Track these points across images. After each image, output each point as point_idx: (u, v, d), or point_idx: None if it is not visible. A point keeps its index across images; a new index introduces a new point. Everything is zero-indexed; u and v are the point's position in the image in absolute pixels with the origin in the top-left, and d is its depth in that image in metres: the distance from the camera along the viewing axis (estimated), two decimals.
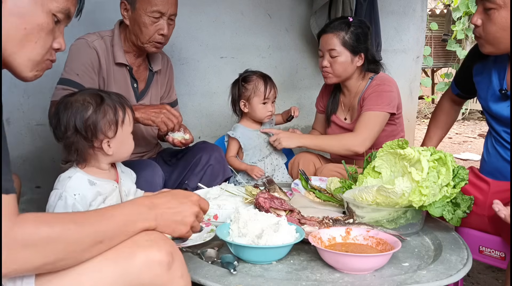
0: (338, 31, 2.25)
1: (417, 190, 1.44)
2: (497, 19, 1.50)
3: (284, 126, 2.80)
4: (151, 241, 1.00)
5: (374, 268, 1.28)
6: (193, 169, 2.17)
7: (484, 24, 1.55)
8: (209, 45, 3.14)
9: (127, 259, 0.96)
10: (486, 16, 1.53)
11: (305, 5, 3.45)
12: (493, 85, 1.68)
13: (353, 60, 2.26)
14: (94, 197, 1.45)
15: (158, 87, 2.28)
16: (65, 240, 0.88)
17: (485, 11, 1.53)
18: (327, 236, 1.39)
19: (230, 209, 1.65)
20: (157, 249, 0.99)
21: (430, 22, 7.97)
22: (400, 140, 1.62)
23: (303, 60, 3.53)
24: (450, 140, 5.88)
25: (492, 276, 2.28)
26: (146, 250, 0.98)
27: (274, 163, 2.44)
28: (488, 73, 1.71)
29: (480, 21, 1.56)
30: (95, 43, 2.05)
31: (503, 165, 1.65)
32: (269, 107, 2.37)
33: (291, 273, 1.28)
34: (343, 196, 1.62)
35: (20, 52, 1.01)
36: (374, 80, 2.30)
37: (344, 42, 2.23)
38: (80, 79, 1.98)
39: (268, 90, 2.34)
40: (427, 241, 1.53)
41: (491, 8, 1.50)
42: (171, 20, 2.09)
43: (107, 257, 0.95)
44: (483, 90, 1.74)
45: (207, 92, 3.14)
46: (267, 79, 2.38)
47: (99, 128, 1.43)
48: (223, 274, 1.25)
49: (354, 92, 2.36)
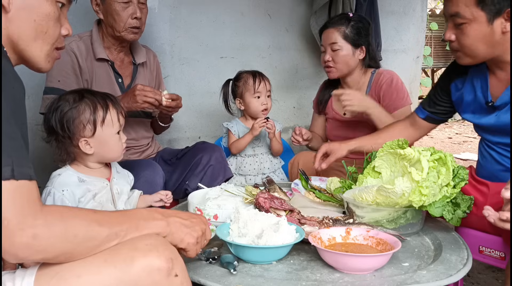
0: (338, 26, 2.29)
1: (417, 190, 1.44)
2: (470, 32, 1.50)
3: (284, 126, 2.80)
4: (150, 245, 0.98)
5: (374, 268, 1.28)
6: (193, 169, 2.17)
7: (458, 39, 1.55)
8: (209, 45, 3.14)
9: (126, 263, 0.95)
10: (458, 31, 1.53)
11: (305, 5, 3.46)
12: (478, 99, 1.68)
13: (355, 53, 2.30)
14: (83, 194, 1.46)
15: (146, 81, 2.28)
16: (85, 236, 0.93)
17: (457, 26, 1.53)
18: (327, 236, 1.39)
19: (230, 209, 1.65)
20: (156, 255, 0.97)
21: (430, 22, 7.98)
22: (400, 140, 1.63)
23: (303, 60, 3.53)
24: (450, 140, 5.87)
25: (492, 276, 2.28)
26: (145, 255, 0.96)
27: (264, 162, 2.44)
28: (469, 88, 1.71)
29: (454, 36, 1.56)
30: (72, 45, 2.07)
31: (499, 168, 1.64)
32: (262, 100, 2.36)
33: (291, 273, 1.28)
34: (343, 196, 1.62)
35: (34, 44, 1.05)
36: (377, 74, 2.33)
37: (345, 35, 2.27)
38: (63, 85, 2.01)
39: (258, 83, 2.34)
40: (427, 241, 1.53)
41: (462, 23, 1.50)
42: (142, 4, 2.12)
43: (106, 260, 0.94)
44: (467, 106, 1.72)
45: (207, 92, 3.14)
46: (257, 74, 2.38)
47: (75, 126, 1.44)
48: (223, 274, 1.25)
49: (355, 88, 2.37)
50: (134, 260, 0.95)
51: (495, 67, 1.60)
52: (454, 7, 1.50)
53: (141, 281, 0.95)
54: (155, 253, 0.97)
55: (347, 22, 2.29)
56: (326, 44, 2.32)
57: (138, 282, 0.95)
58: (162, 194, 2.07)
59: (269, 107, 2.40)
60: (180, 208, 1.83)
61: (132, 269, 0.95)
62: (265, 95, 2.37)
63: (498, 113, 1.60)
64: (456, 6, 1.49)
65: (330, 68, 2.33)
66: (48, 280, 0.91)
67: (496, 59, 1.56)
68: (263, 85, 2.36)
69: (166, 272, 0.97)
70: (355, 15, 2.34)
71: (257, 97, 2.35)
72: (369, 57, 2.35)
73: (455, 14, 1.51)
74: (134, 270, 0.95)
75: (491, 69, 1.63)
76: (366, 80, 2.37)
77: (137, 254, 0.96)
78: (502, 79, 1.60)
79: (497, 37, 1.48)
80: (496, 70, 1.61)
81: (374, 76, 2.36)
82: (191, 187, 2.11)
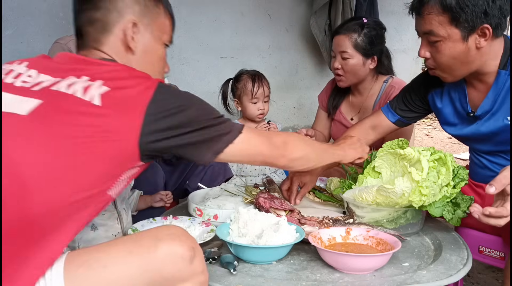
0: (350, 33, 2.20)
1: (417, 190, 1.44)
2: (445, 50, 1.48)
3: (284, 126, 2.80)
4: (173, 234, 1.01)
5: (374, 268, 1.28)
6: (193, 169, 2.17)
7: (433, 57, 1.54)
8: (209, 45, 3.14)
9: (150, 252, 0.97)
10: (433, 48, 1.51)
11: (305, 5, 3.46)
12: (457, 110, 1.68)
13: (365, 63, 2.23)
14: None
15: None
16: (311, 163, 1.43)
17: (431, 44, 1.52)
18: (327, 236, 1.39)
19: (230, 209, 1.65)
20: (179, 243, 1.00)
21: None
22: (400, 140, 1.62)
23: (303, 60, 3.53)
24: (450, 140, 5.86)
25: (492, 276, 2.28)
26: (168, 242, 0.99)
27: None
28: (447, 100, 1.70)
29: (428, 53, 1.54)
30: (69, 44, 2.06)
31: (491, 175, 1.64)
32: (259, 106, 2.36)
33: (291, 273, 1.28)
34: (343, 196, 1.62)
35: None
36: (389, 87, 2.26)
37: (356, 44, 2.19)
38: None
39: (256, 89, 2.33)
40: (427, 241, 1.53)
41: (436, 41, 1.48)
42: None
43: (131, 251, 0.97)
44: (447, 117, 1.72)
45: (207, 92, 3.13)
46: (256, 78, 2.35)
47: None
48: (223, 274, 1.25)
49: (366, 94, 2.33)
50: (158, 248, 0.98)
51: (473, 79, 1.60)
52: (428, 25, 1.48)
53: (165, 269, 0.98)
54: (178, 242, 1.00)
55: (360, 29, 2.19)
56: (336, 51, 2.24)
57: (162, 270, 0.98)
58: (163, 194, 2.07)
59: (265, 112, 2.40)
60: (180, 208, 1.83)
61: (156, 258, 0.97)
62: (262, 101, 2.36)
63: (479, 122, 1.61)
64: (430, 24, 1.47)
65: (340, 77, 2.26)
66: (76, 268, 0.94)
67: (474, 73, 1.56)
68: (261, 91, 2.34)
69: (189, 260, 1.00)
70: (370, 21, 2.24)
71: (254, 103, 2.35)
72: (381, 66, 2.29)
73: (428, 32, 1.49)
74: (158, 258, 0.97)
75: (468, 81, 1.62)
76: (378, 88, 2.30)
77: (161, 243, 0.99)
78: (480, 89, 1.60)
79: (472, 53, 1.48)
80: (474, 82, 1.61)
81: (386, 87, 2.28)
82: (191, 187, 2.11)
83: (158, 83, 1.07)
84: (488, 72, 1.54)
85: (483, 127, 1.60)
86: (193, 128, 1.09)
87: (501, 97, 1.54)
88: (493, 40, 1.48)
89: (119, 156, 1.01)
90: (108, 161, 1.00)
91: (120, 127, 1.00)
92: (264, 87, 2.36)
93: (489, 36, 1.44)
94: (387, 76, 2.32)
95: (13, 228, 0.90)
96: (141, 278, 0.96)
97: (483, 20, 1.42)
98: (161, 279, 0.98)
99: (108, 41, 1.19)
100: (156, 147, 1.04)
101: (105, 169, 1.01)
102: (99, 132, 0.98)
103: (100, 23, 1.18)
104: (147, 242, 0.99)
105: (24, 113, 0.97)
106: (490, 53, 1.50)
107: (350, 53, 2.19)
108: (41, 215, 0.93)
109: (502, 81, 1.52)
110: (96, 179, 1.00)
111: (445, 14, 1.43)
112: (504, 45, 1.52)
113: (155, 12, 1.25)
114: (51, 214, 0.94)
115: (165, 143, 1.05)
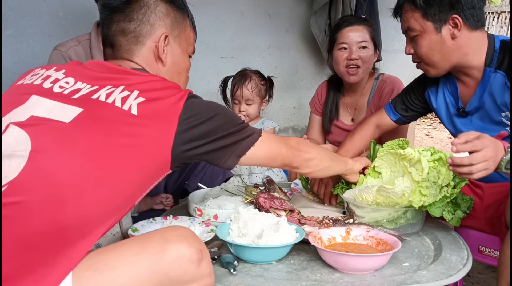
0: (364, 24, 2.21)
1: (417, 190, 1.44)
2: (423, 43, 1.60)
3: (284, 126, 2.80)
4: (180, 236, 1.02)
5: (374, 268, 1.28)
6: (193, 169, 2.17)
7: (415, 51, 1.65)
8: (209, 45, 3.14)
9: (158, 254, 0.98)
10: (414, 43, 1.64)
11: (305, 5, 3.46)
12: (450, 106, 1.74)
13: (374, 55, 2.25)
14: None
15: None
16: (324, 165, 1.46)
17: (412, 40, 1.64)
18: (327, 236, 1.39)
19: (230, 209, 1.65)
20: (187, 245, 1.00)
21: None
22: (400, 140, 1.62)
23: (303, 60, 3.53)
24: (450, 140, 5.87)
25: (492, 276, 2.28)
26: (176, 244, 0.99)
27: None
28: (441, 97, 1.76)
29: (412, 49, 1.66)
30: (70, 51, 2.04)
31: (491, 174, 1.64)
32: (240, 107, 2.30)
33: (291, 273, 1.28)
34: (343, 196, 1.62)
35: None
36: (381, 81, 2.26)
37: (372, 35, 2.21)
38: None
39: (235, 90, 2.29)
40: (427, 241, 1.53)
41: (415, 35, 1.61)
42: None
43: (138, 253, 0.98)
44: (443, 115, 1.78)
45: (207, 92, 3.14)
46: (243, 78, 2.30)
47: None
48: (223, 274, 1.25)
49: (359, 92, 2.31)
50: (166, 250, 0.98)
51: (461, 75, 1.66)
52: (406, 23, 1.63)
53: (172, 271, 0.98)
54: (186, 244, 1.00)
55: (367, 22, 2.22)
56: (352, 41, 2.17)
57: (170, 271, 0.98)
58: (163, 197, 2.08)
59: (249, 114, 2.32)
60: (180, 208, 1.83)
61: (164, 259, 0.98)
62: (244, 103, 2.30)
63: (471, 117, 1.66)
64: (407, 21, 1.62)
65: (356, 69, 2.19)
66: (84, 271, 0.94)
67: (458, 67, 1.62)
68: (240, 93, 2.28)
69: (196, 262, 1.00)
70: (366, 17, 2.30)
71: (236, 104, 2.33)
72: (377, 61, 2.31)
73: (408, 29, 1.63)
74: (166, 259, 0.98)
75: (458, 77, 1.69)
76: (370, 85, 2.29)
77: (168, 245, 0.99)
78: (469, 85, 1.65)
79: (448, 44, 1.57)
80: (462, 77, 1.66)
81: (378, 83, 2.27)
82: (191, 187, 2.10)
83: (188, 94, 1.12)
84: (472, 66, 1.60)
85: (474, 123, 1.65)
86: (220, 135, 1.14)
87: (486, 94, 1.59)
88: (470, 32, 1.56)
89: (153, 166, 1.05)
90: (143, 170, 1.04)
91: (156, 137, 1.04)
92: (244, 89, 2.28)
93: (460, 26, 1.54)
94: (377, 73, 2.33)
95: (46, 235, 0.91)
96: (149, 279, 0.97)
97: (452, 12, 1.53)
98: (168, 281, 0.98)
99: (140, 52, 1.23)
100: (187, 155, 1.09)
101: (140, 178, 1.04)
102: (137, 141, 1.01)
103: (133, 34, 1.22)
104: (154, 243, 0.99)
105: (67, 121, 0.99)
106: (469, 46, 1.57)
107: (368, 43, 2.19)
108: (74, 223, 0.94)
109: (487, 78, 1.58)
110: (130, 188, 1.03)
111: (417, 10, 1.58)
112: (488, 43, 1.58)
113: (183, 25, 1.31)
114: (83, 222, 0.95)
115: (196, 151, 1.10)
